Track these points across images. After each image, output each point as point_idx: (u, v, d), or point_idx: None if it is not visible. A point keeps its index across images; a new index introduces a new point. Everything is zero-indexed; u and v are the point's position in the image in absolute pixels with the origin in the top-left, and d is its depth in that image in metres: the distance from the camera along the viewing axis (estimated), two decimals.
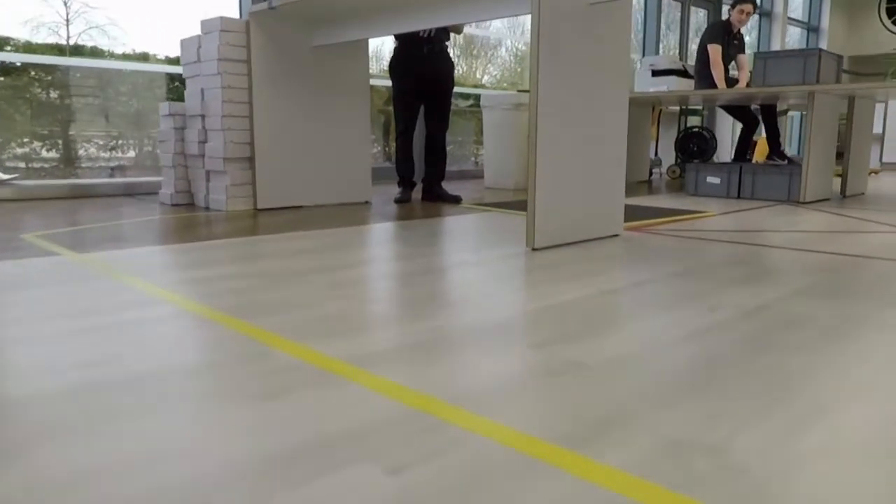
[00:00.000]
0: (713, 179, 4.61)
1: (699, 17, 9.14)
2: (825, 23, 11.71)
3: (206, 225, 2.91)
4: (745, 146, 5.66)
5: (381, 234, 2.72)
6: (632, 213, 3.47)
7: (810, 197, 4.22)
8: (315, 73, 3.59)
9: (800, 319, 1.48)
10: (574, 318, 1.48)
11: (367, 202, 3.93)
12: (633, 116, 5.83)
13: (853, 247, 2.53)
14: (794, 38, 11.32)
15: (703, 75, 5.24)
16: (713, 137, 6.62)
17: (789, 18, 10.79)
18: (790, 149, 10.11)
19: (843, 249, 2.46)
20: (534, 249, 2.36)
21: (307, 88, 3.57)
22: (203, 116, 3.47)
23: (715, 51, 5.13)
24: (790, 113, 8.41)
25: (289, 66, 3.48)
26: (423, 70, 3.90)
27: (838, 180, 4.76)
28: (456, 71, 4.06)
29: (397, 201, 3.95)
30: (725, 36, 5.19)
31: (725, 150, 9.66)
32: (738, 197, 4.50)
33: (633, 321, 1.45)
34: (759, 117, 5.60)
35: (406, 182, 4.10)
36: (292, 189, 3.57)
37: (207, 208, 3.51)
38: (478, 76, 8.23)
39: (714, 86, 5.06)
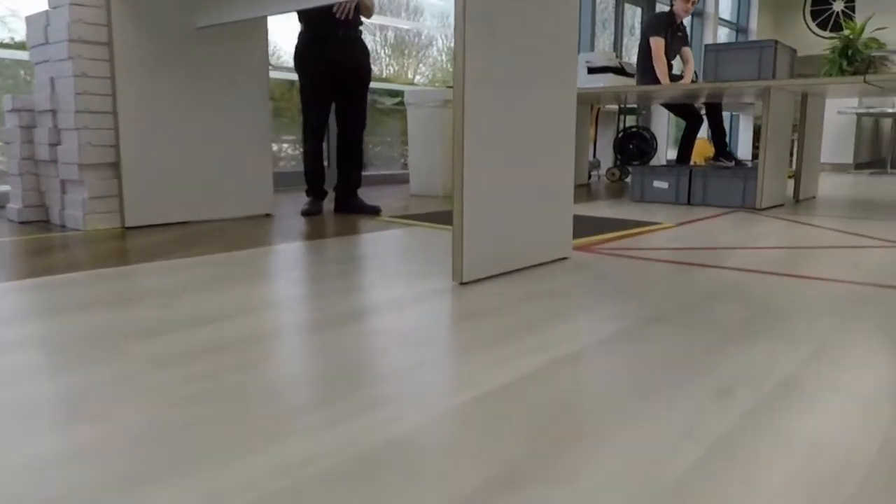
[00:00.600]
0: (660, 184, 4.20)
1: (634, 14, 8.85)
2: (753, 24, 11.68)
3: (44, 252, 2.25)
4: (689, 147, 5.31)
5: (273, 262, 2.13)
6: (578, 226, 2.99)
7: (766, 202, 3.85)
8: (200, 60, 2.96)
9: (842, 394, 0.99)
10: (517, 425, 0.94)
11: (268, 215, 3.32)
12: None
13: (855, 270, 2.10)
14: (722, 39, 11.22)
15: (645, 70, 4.84)
16: (653, 137, 6.27)
17: (719, 19, 10.68)
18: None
19: (847, 274, 2.03)
20: (462, 284, 1.82)
21: (189, 78, 2.93)
22: (54, 112, 2.79)
23: (658, 44, 4.74)
24: (724, 114, 8.21)
25: (164, 51, 2.84)
26: (337, 59, 3.32)
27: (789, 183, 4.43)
28: (387, 71, 3.50)
29: (305, 214, 3.36)
30: (668, 28, 4.81)
31: (660, 153, 9.42)
32: (689, 203, 4.10)
33: (612, 429, 0.93)
34: (703, 115, 5.26)
35: (316, 191, 3.51)
36: (171, 202, 2.93)
37: (63, 227, 2.83)
38: (409, 76, 7.70)
39: (657, 81, 4.66)
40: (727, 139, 5.42)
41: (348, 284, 1.81)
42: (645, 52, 4.86)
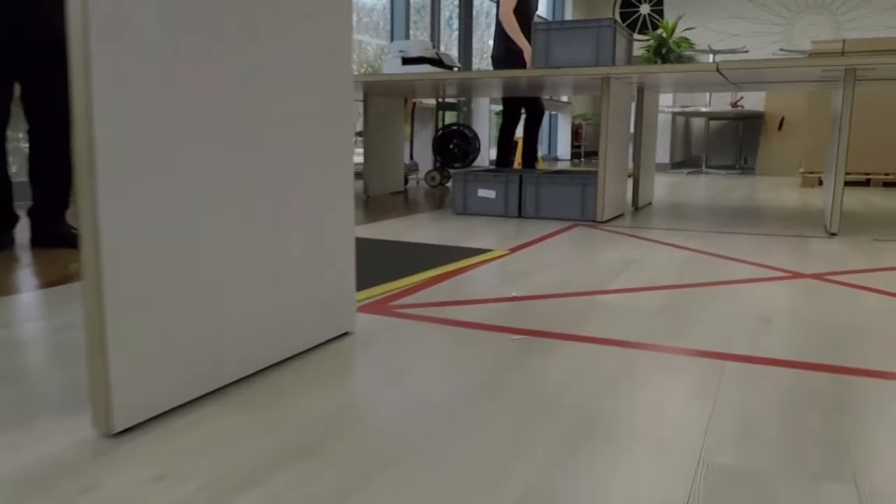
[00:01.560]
0: (486, 193, 3.47)
1: (452, 3, 8.22)
2: (568, 18, 11.62)
3: None
4: (508, 147, 4.68)
5: None
6: (381, 261, 2.12)
7: (608, 213, 3.25)
8: None
9: None
10: None
11: None
12: (383, 112, 4.56)
13: (773, 335, 1.40)
14: None
15: (497, 42, 4.17)
16: (475, 137, 5.61)
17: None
18: (545, 151, 9.67)
19: (788, 347, 1.32)
20: (113, 436, 0.87)
21: None
22: None
23: (507, 4, 4.03)
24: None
25: None
26: (10, 19, 2.20)
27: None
28: None
29: None
30: None
31: (483, 153, 8.90)
32: (520, 216, 3.40)
33: None
34: (528, 112, 4.65)
35: (2, 213, 2.35)
36: None
37: None
38: None
39: (511, 57, 3.99)
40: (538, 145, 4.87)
41: None
42: (499, 30, 4.20)
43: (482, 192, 3.48)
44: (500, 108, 8.43)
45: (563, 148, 10.34)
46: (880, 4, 7.73)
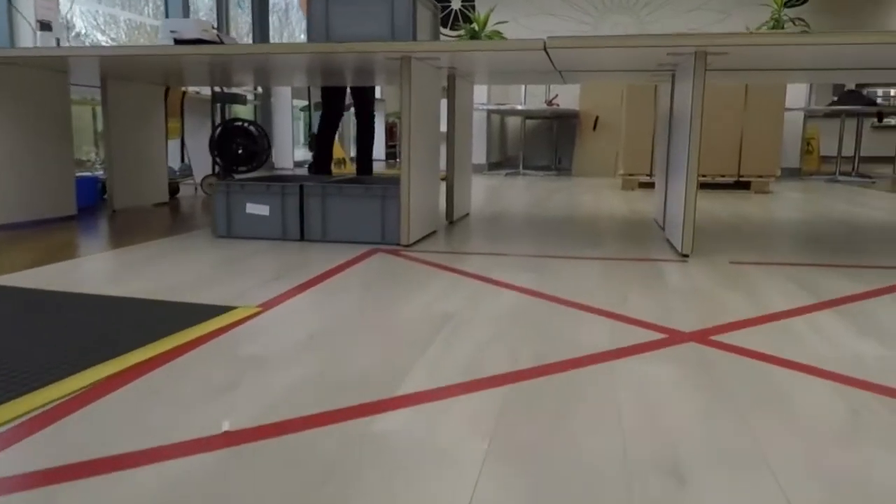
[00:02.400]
0: (258, 209, 2.61)
1: None
2: None
3: None
4: (324, 150, 3.86)
5: None
6: (27, 335, 1.21)
7: (416, 233, 2.53)
8: None
9: None
10: None
11: None
12: (134, 104, 3.51)
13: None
14: None
15: None
16: (265, 135, 4.68)
17: None
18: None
19: None
20: None
21: None
22: None
23: None
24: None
25: None
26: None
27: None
28: None
29: None
30: None
31: (286, 155, 7.95)
32: (302, 238, 2.59)
33: None
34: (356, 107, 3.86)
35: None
36: None
37: None
38: None
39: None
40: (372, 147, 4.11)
41: None
42: None
43: (252, 208, 2.61)
44: (306, 102, 7.44)
45: (378, 148, 9.64)
46: (681, 6, 7.84)
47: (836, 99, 8.54)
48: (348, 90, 4.05)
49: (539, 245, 2.50)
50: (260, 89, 7.59)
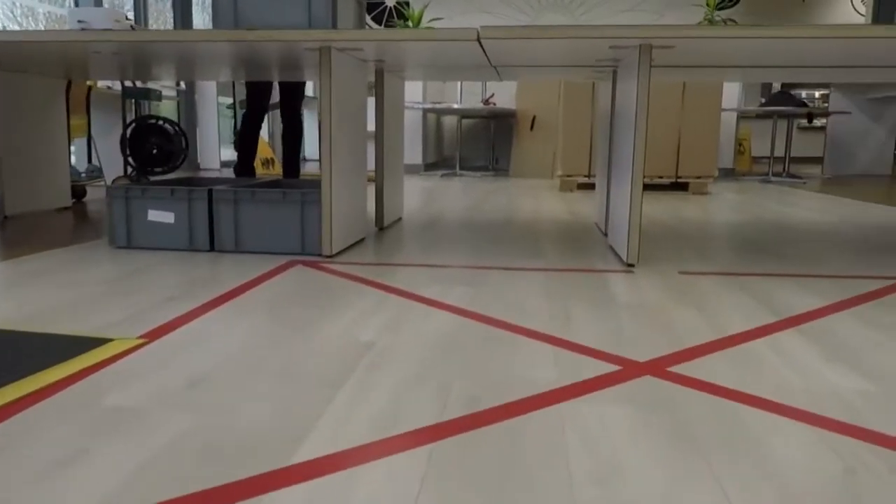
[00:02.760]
0: (161, 217, 2.32)
1: None
2: None
3: None
4: (246, 149, 3.58)
5: None
6: None
7: (340, 242, 2.30)
8: None
9: None
10: None
11: None
12: (29, 98, 3.15)
13: None
14: None
15: None
16: (182, 134, 4.35)
17: None
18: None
19: None
20: None
21: None
22: None
23: None
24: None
25: None
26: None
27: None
28: None
29: None
30: None
31: (212, 154, 7.54)
32: (212, 249, 2.32)
33: None
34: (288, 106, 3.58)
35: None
36: None
37: None
38: None
39: None
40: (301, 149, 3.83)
41: None
42: None
43: (154, 216, 2.33)
44: (231, 100, 7.05)
45: (313, 148, 9.31)
46: (616, 6, 7.81)
47: (763, 101, 8.69)
48: (276, 86, 3.77)
49: (475, 254, 2.30)
50: (183, 85, 7.18)
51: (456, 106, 6.66)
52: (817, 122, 9.91)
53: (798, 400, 1.05)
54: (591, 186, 5.03)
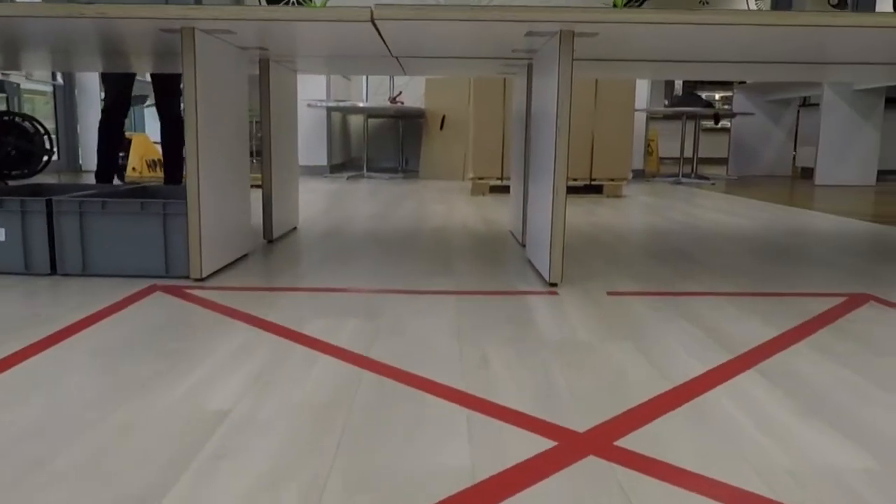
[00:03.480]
0: None
1: None
2: None
3: None
4: (107, 151, 3.11)
5: None
6: None
7: (212, 262, 1.93)
8: None
9: None
10: None
11: None
12: None
13: None
14: None
15: None
16: (40, 132, 3.81)
17: None
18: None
19: None
20: None
21: None
22: None
23: None
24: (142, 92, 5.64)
25: None
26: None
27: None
28: None
29: None
30: None
31: (90, 157, 6.86)
32: (54, 272, 1.90)
33: None
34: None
35: None
36: None
37: None
38: None
39: None
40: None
41: None
42: None
43: None
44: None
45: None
46: (525, 2, 7.65)
47: (667, 103, 8.79)
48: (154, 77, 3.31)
49: (376, 273, 1.99)
50: (60, 78, 6.48)
51: (362, 104, 6.30)
52: (723, 123, 10.16)
53: (787, 490, 0.79)
54: (505, 189, 4.81)
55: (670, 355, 1.26)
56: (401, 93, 6.69)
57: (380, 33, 1.81)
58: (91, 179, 3.20)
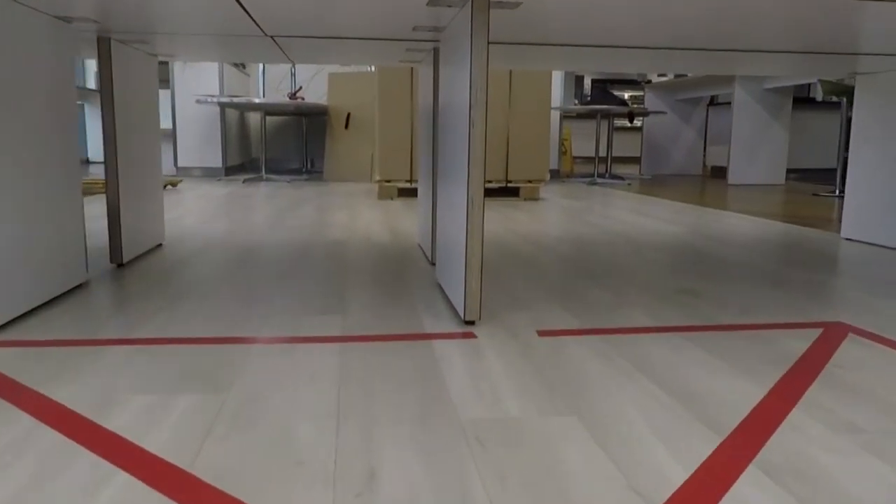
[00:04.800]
0: None
1: None
2: None
3: None
4: None
5: None
6: None
7: (14, 302, 1.44)
8: None
9: None
10: None
11: None
12: None
13: None
14: None
15: None
16: None
17: None
18: None
19: None
20: None
21: None
22: None
23: None
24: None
25: None
26: None
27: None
28: None
29: None
30: None
31: None
32: None
33: None
34: None
35: None
36: None
37: None
38: None
39: None
40: None
41: None
42: None
43: None
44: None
45: (96, 147, 7.91)
46: None
47: (576, 102, 8.65)
48: None
49: (244, 311, 1.55)
50: None
51: (257, 101, 5.76)
52: (635, 122, 10.15)
53: None
54: (414, 193, 4.42)
55: (633, 443, 0.90)
56: (301, 88, 6.18)
57: (241, 4, 1.37)
58: None
